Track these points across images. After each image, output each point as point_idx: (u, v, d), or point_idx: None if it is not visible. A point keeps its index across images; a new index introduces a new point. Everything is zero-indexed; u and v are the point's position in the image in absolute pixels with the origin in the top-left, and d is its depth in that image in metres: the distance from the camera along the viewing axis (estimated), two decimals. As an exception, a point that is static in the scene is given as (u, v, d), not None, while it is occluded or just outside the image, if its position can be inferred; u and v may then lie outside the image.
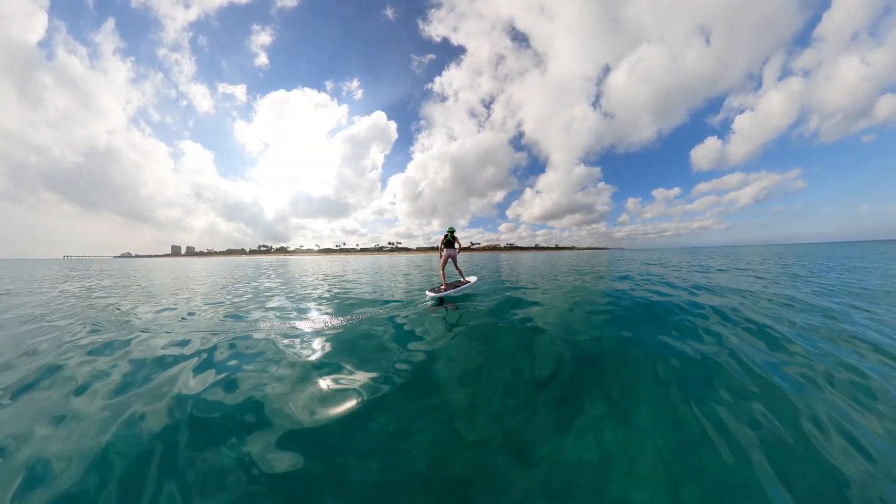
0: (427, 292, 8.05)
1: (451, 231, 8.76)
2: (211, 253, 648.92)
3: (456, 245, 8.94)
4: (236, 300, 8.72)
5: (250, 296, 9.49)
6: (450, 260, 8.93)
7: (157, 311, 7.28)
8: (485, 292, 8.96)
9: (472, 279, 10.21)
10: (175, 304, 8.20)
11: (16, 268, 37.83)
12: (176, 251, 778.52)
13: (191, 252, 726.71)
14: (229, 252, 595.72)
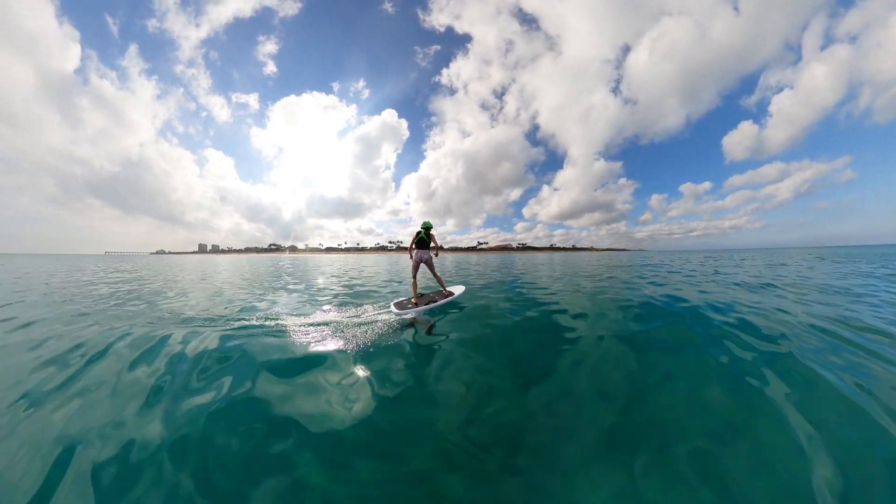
0: (391, 306, 5.98)
1: (426, 227, 6.71)
2: (231, 251, 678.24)
3: (431, 245, 6.90)
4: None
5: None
6: (423, 265, 6.73)
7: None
8: (483, 301, 6.99)
9: (458, 290, 7.41)
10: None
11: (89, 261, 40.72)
12: (202, 248, 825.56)
13: (215, 249, 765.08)
14: (247, 250, 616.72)
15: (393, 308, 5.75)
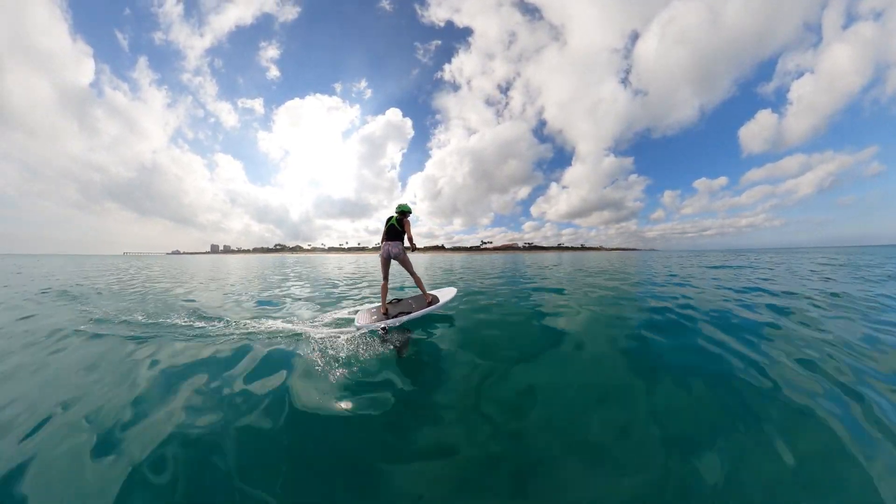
0: (356, 319, 4.55)
1: (402, 211, 4.91)
2: (240, 251, 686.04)
3: (406, 237, 4.89)
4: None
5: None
6: (393, 262, 5.01)
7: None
8: (481, 305, 5.64)
9: (445, 295, 5.57)
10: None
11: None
12: (214, 249, 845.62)
13: (226, 250, 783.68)
14: (255, 250, 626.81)
15: (358, 319, 4.46)
